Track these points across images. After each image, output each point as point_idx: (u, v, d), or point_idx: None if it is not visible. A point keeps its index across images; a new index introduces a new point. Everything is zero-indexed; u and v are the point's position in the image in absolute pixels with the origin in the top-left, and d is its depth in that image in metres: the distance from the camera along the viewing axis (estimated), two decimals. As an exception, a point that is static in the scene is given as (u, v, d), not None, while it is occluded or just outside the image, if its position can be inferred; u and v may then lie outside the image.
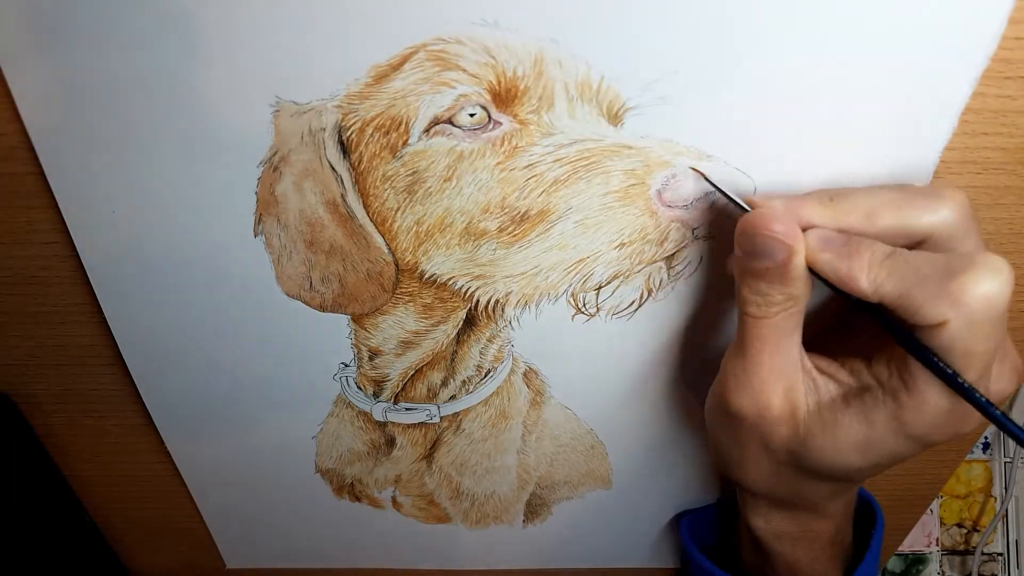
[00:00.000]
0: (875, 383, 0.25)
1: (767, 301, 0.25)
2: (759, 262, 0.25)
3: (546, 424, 0.37)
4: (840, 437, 0.25)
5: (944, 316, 0.22)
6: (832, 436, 0.25)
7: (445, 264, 0.30)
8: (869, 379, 0.26)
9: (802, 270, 0.24)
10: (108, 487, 0.42)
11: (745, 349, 0.26)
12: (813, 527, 0.31)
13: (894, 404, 0.24)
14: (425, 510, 0.41)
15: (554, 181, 0.27)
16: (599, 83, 0.25)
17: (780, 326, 0.25)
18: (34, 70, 0.25)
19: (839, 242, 0.24)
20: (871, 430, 0.25)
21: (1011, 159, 0.28)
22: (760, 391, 0.26)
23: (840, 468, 0.26)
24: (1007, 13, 0.23)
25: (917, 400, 0.24)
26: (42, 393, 0.37)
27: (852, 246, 0.24)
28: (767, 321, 0.25)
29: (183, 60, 0.25)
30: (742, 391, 0.26)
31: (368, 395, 0.35)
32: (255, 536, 0.44)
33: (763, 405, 0.26)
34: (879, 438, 0.25)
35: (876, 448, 0.25)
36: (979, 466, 0.51)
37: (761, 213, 0.25)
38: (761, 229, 0.24)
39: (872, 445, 0.25)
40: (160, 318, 0.32)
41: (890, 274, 0.23)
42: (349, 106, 0.26)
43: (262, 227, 0.29)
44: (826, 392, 0.26)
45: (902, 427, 0.24)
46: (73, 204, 0.29)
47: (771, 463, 0.28)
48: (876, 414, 0.25)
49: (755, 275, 0.25)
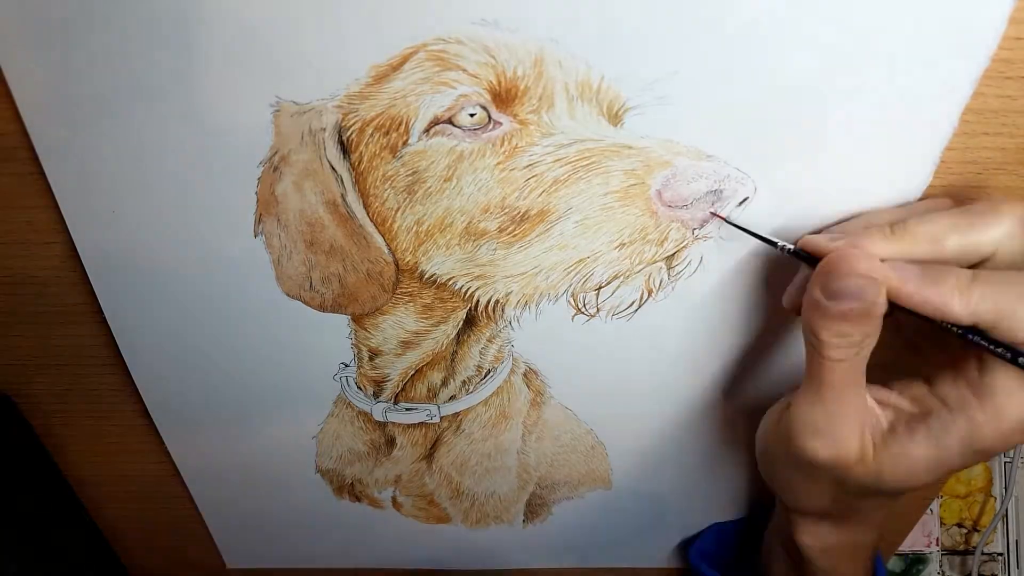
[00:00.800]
0: (940, 405, 0.25)
1: (849, 343, 0.25)
2: (847, 304, 0.24)
3: (546, 424, 0.37)
4: (912, 462, 0.25)
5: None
6: (904, 463, 0.25)
7: (445, 264, 0.30)
8: (933, 402, 0.26)
9: (885, 307, 0.24)
10: (108, 487, 0.42)
11: (822, 394, 0.26)
12: (859, 539, 0.31)
13: (967, 423, 0.24)
14: (425, 510, 0.41)
15: (554, 181, 0.27)
16: (599, 83, 0.25)
17: (855, 367, 0.25)
18: (34, 70, 0.25)
19: (919, 272, 0.24)
20: (941, 452, 0.25)
21: (1011, 159, 0.28)
22: (841, 437, 0.26)
23: (908, 487, 0.26)
24: (1008, 13, 0.23)
25: (994, 414, 0.24)
26: (42, 393, 0.37)
27: (935, 274, 0.24)
28: (846, 364, 0.25)
29: (183, 60, 0.25)
30: (820, 438, 0.26)
31: (368, 395, 0.35)
32: (255, 536, 0.44)
33: (843, 451, 0.26)
34: (949, 456, 0.25)
35: (945, 466, 0.25)
36: (979, 466, 0.51)
37: (844, 255, 0.24)
38: (850, 271, 0.24)
39: (942, 464, 0.25)
40: (160, 318, 0.32)
41: (983, 296, 0.23)
42: (349, 106, 0.26)
43: (262, 227, 0.29)
44: (888, 423, 0.26)
45: (975, 443, 0.24)
46: (73, 204, 0.29)
47: (832, 489, 0.28)
48: (947, 437, 0.25)
49: (839, 318, 0.24)
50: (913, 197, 0.28)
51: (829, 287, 0.24)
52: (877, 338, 0.25)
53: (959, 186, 0.28)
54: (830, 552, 0.31)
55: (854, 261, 0.24)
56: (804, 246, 0.26)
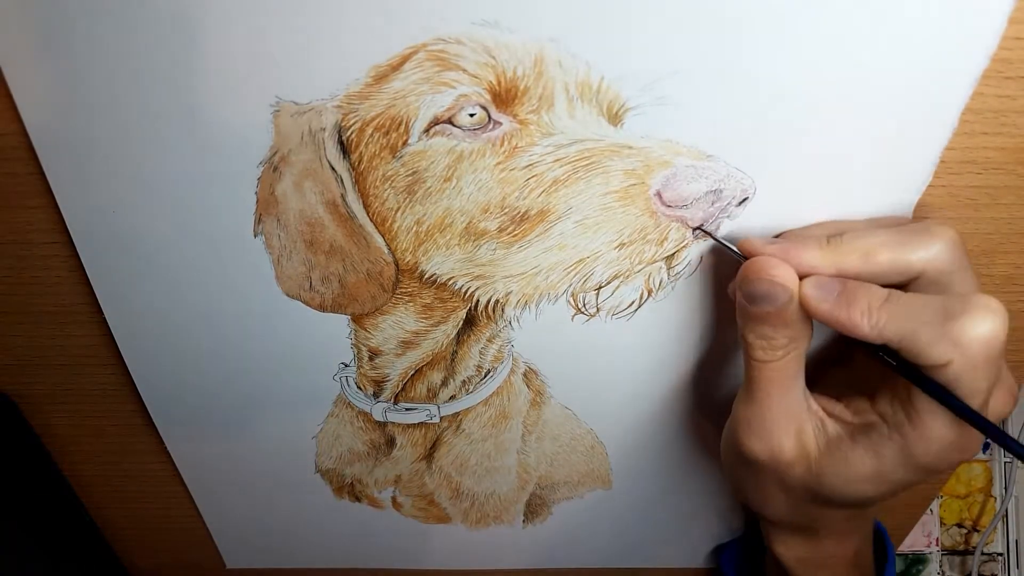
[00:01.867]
0: (879, 420, 0.26)
1: (772, 345, 0.26)
2: (761, 306, 0.26)
3: (546, 424, 0.37)
4: (852, 472, 0.26)
5: (947, 357, 0.23)
6: (844, 471, 0.26)
7: (445, 264, 0.30)
8: (873, 416, 0.27)
9: (796, 314, 0.25)
10: (108, 487, 0.42)
11: (753, 394, 0.27)
12: (833, 552, 0.32)
13: (900, 439, 0.25)
14: (425, 510, 0.41)
15: (554, 181, 0.27)
16: (599, 83, 0.25)
17: (785, 369, 0.27)
18: (34, 70, 0.25)
19: (836, 289, 0.25)
20: (880, 463, 0.26)
21: (1011, 159, 0.28)
22: (772, 434, 0.27)
23: (853, 498, 0.27)
24: (1007, 13, 0.23)
25: (923, 433, 0.25)
26: (42, 393, 0.37)
27: (849, 293, 0.25)
28: (773, 364, 0.26)
29: (183, 60, 0.25)
30: (754, 435, 0.28)
31: (368, 395, 0.35)
32: (255, 536, 0.44)
33: (776, 448, 0.27)
34: (889, 470, 0.26)
35: (886, 478, 0.26)
36: (979, 466, 0.51)
37: (759, 260, 0.26)
38: (762, 274, 0.25)
39: (883, 476, 0.26)
40: (160, 318, 0.32)
41: (891, 318, 0.24)
42: (349, 106, 0.26)
43: (262, 227, 0.29)
44: (834, 431, 0.27)
45: (910, 459, 0.25)
46: (73, 204, 0.29)
47: (788, 496, 0.29)
48: (884, 448, 0.26)
49: (758, 320, 0.26)
50: (913, 197, 0.28)
51: (744, 289, 0.26)
52: (806, 344, 0.27)
53: (959, 186, 0.28)
54: (805, 562, 0.32)
55: (768, 267, 0.25)
56: (741, 247, 0.27)
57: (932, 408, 0.24)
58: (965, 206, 0.29)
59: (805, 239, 0.26)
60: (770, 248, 0.26)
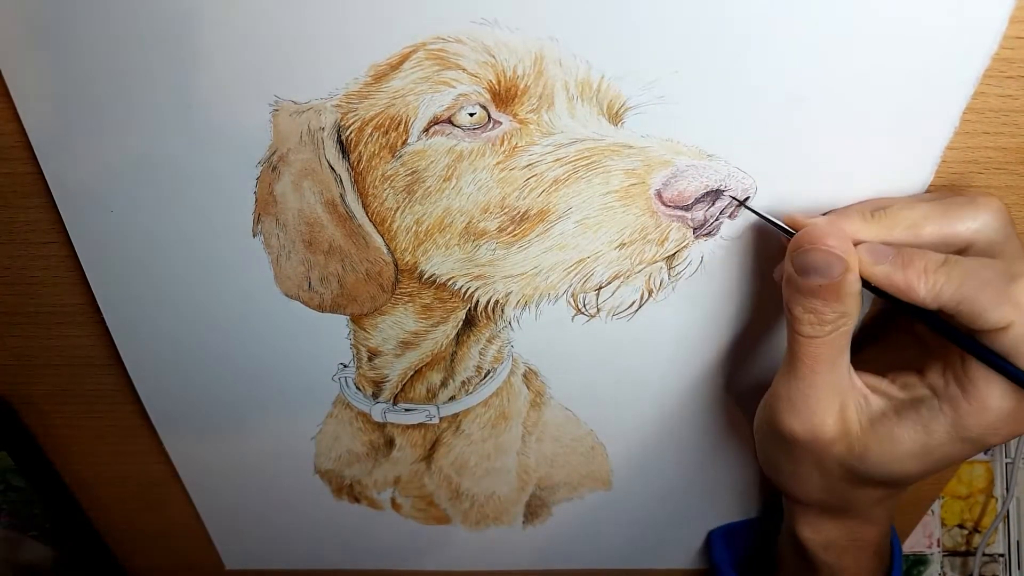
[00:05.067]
0: (930, 393, 0.26)
1: (821, 320, 0.25)
2: (814, 279, 0.25)
3: (546, 425, 0.37)
4: (898, 448, 0.26)
5: (1008, 319, 0.22)
6: (890, 449, 0.26)
7: (445, 264, 0.30)
8: (923, 390, 0.26)
9: (856, 285, 0.25)
10: (107, 488, 0.42)
11: (797, 370, 0.26)
12: (861, 535, 0.31)
13: (953, 412, 0.25)
14: (424, 511, 0.41)
15: (554, 181, 0.27)
16: (599, 82, 0.25)
17: (833, 345, 0.26)
18: (33, 70, 0.25)
19: (891, 253, 0.24)
20: (929, 438, 0.25)
21: (1012, 159, 0.28)
22: (815, 412, 0.26)
23: (896, 475, 0.27)
24: (1008, 12, 0.23)
25: (979, 405, 0.24)
26: (40, 394, 0.37)
27: (905, 256, 0.24)
28: (820, 340, 0.25)
29: (182, 59, 0.25)
30: (795, 413, 0.27)
31: (367, 396, 0.35)
32: (254, 537, 0.44)
33: (817, 426, 0.26)
34: (937, 445, 0.25)
35: (934, 454, 0.25)
36: (980, 467, 0.51)
37: (813, 230, 0.25)
38: (817, 245, 0.25)
39: (931, 452, 0.25)
40: (158, 318, 0.32)
41: (948, 280, 0.23)
42: (348, 105, 0.26)
43: (261, 227, 0.29)
44: (878, 407, 0.26)
45: (961, 432, 0.25)
46: (71, 204, 0.29)
47: (824, 476, 0.28)
48: (935, 423, 0.25)
49: (809, 293, 0.25)
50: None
51: (798, 261, 0.25)
52: (854, 320, 0.25)
53: (960, 185, 0.28)
54: (832, 547, 0.32)
55: (822, 235, 0.25)
56: (788, 222, 0.26)
57: (988, 377, 0.24)
58: (966, 206, 0.29)
59: (849, 213, 0.26)
60: (820, 219, 0.25)
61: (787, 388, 0.27)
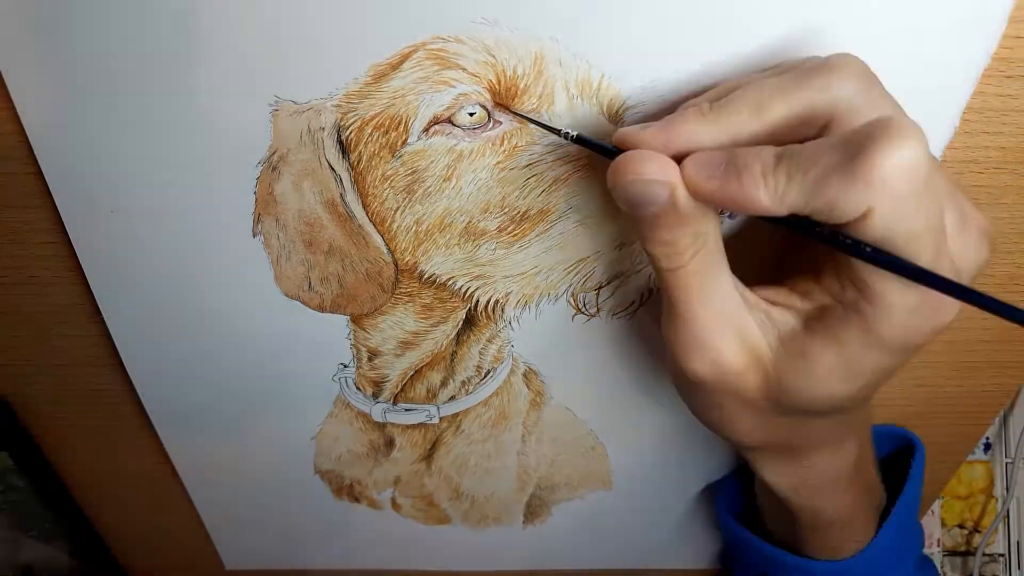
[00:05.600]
0: (831, 300, 0.22)
1: (676, 249, 0.22)
2: (644, 210, 0.22)
3: (546, 425, 0.37)
4: (815, 367, 0.22)
5: (864, 204, 0.18)
6: (806, 369, 0.22)
7: (445, 264, 0.30)
8: (824, 297, 0.22)
9: (690, 206, 0.21)
10: (107, 488, 0.42)
11: (675, 308, 0.23)
12: (829, 470, 0.28)
13: (858, 317, 0.21)
14: (424, 511, 0.41)
15: (554, 180, 0.27)
16: (599, 82, 0.25)
17: (699, 270, 0.22)
18: (33, 70, 0.25)
19: (720, 162, 0.20)
20: (845, 350, 0.22)
21: (1012, 158, 0.28)
22: (710, 347, 0.23)
23: (825, 399, 0.23)
24: (1008, 11, 0.23)
25: (881, 305, 0.20)
26: (40, 394, 0.37)
27: (738, 162, 0.20)
28: (684, 270, 0.22)
29: (182, 59, 0.25)
30: (692, 354, 0.23)
31: (367, 396, 0.35)
32: (254, 537, 0.44)
33: (720, 361, 0.23)
34: (856, 357, 0.22)
35: (857, 368, 0.22)
36: (980, 467, 0.51)
37: (626, 158, 0.21)
38: (630, 175, 0.21)
39: (852, 366, 0.22)
40: (158, 319, 0.32)
41: (789, 178, 0.19)
42: (348, 105, 0.26)
43: (261, 227, 0.29)
44: (784, 323, 0.23)
45: (876, 339, 0.21)
46: (71, 204, 0.29)
47: (755, 413, 0.25)
48: (845, 333, 0.21)
49: (650, 225, 0.22)
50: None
51: (617, 196, 0.22)
52: (716, 233, 0.22)
53: (961, 185, 0.28)
54: (801, 488, 0.29)
55: (635, 164, 0.21)
56: (616, 142, 0.23)
57: (881, 275, 0.20)
58: (966, 205, 0.29)
59: (685, 111, 0.22)
60: (646, 133, 0.22)
61: (674, 331, 0.24)
